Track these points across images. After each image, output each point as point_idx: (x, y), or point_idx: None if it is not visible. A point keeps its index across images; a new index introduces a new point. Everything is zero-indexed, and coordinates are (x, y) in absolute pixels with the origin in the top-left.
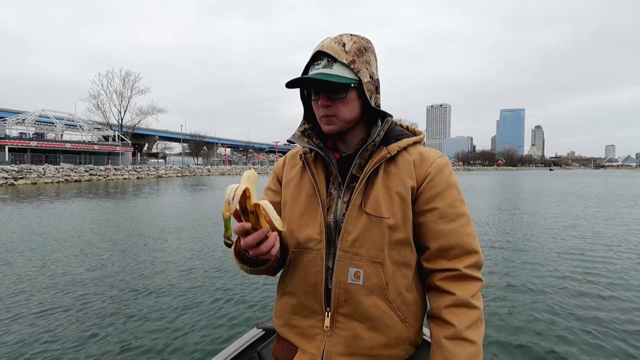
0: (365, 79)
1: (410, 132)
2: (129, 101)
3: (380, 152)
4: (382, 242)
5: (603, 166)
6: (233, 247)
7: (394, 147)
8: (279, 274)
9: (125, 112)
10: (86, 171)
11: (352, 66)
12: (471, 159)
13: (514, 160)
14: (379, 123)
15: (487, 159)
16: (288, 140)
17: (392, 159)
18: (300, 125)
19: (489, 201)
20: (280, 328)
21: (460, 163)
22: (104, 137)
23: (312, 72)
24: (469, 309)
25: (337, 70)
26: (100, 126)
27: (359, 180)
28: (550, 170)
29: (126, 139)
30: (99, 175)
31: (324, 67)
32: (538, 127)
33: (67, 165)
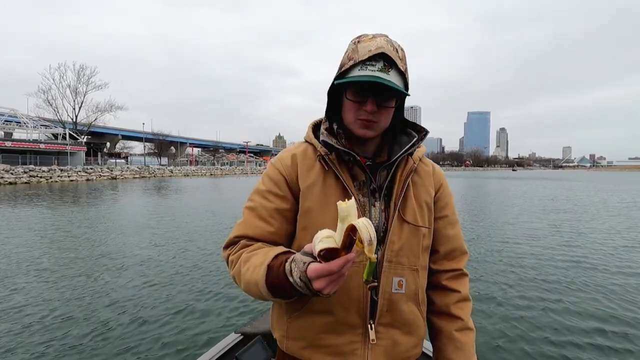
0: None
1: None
2: (84, 97)
3: (407, 162)
4: (419, 249)
5: (561, 166)
6: (264, 279)
7: (417, 157)
8: None
9: (79, 109)
10: (25, 172)
11: (406, 75)
12: (440, 159)
13: (481, 161)
14: (413, 134)
15: (455, 160)
16: (322, 140)
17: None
18: (324, 122)
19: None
20: (301, 351)
21: None
22: (53, 135)
23: (365, 72)
24: (468, 302)
25: (393, 77)
26: (48, 123)
27: (396, 190)
28: (514, 170)
29: (79, 138)
30: (40, 177)
31: (381, 70)
32: (502, 129)
33: (1, 166)
